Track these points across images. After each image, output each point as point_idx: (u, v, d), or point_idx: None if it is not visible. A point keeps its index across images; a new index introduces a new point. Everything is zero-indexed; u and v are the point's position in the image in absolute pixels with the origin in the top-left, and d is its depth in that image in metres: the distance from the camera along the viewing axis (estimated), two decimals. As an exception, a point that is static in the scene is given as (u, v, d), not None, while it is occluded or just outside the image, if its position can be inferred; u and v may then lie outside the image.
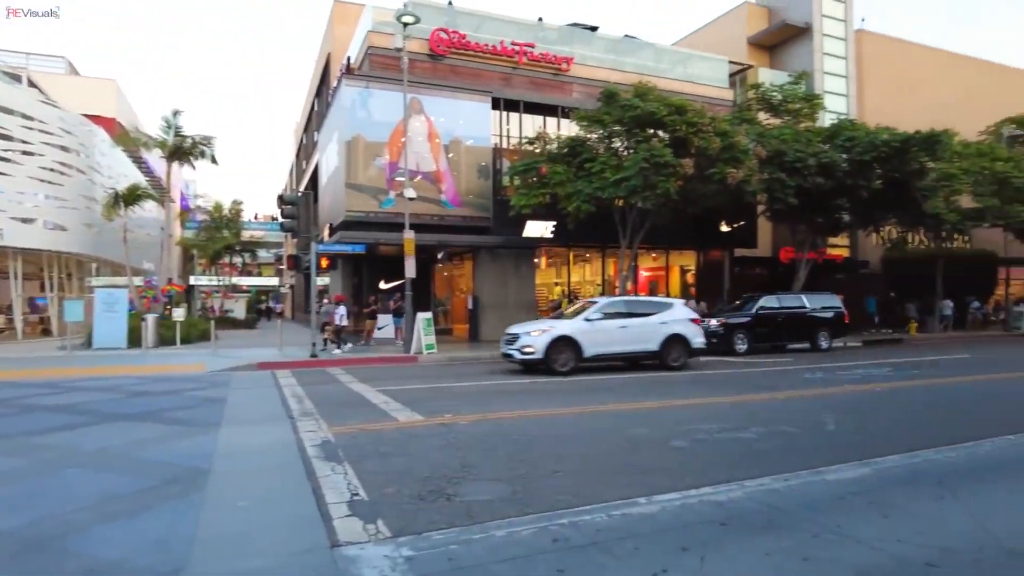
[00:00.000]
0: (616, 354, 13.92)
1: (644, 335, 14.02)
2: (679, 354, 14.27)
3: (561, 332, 13.30)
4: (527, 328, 13.88)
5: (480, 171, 21.05)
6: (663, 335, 14.10)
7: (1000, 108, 30.83)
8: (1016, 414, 8.62)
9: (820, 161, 20.03)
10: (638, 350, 14.04)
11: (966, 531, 4.26)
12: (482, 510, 4.68)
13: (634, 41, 25.35)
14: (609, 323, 13.86)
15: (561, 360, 13.12)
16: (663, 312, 14.53)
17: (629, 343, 13.89)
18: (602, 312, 14.00)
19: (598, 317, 13.82)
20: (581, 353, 13.31)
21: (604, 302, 14.64)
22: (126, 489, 5.33)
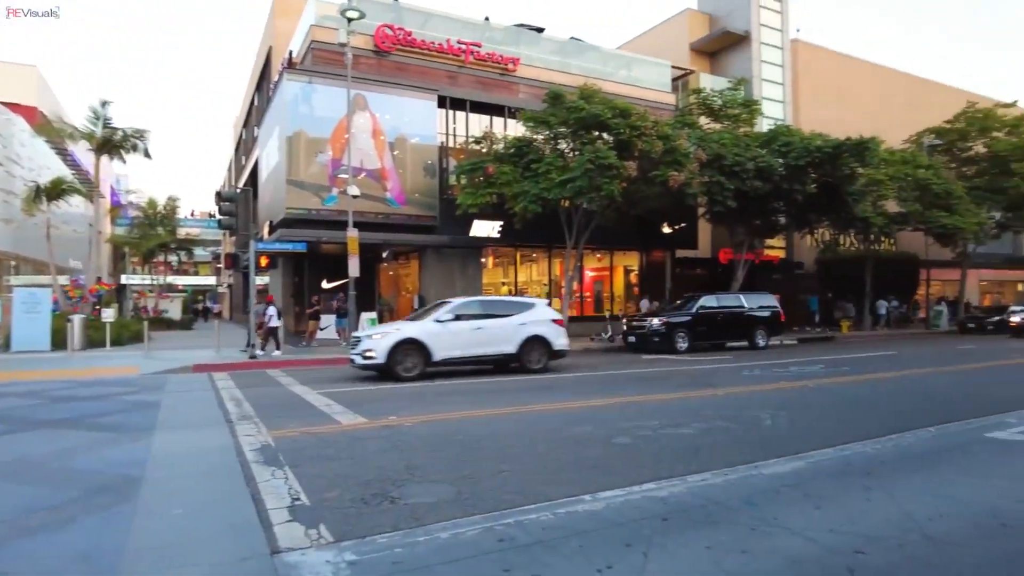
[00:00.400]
0: (469, 357, 13.18)
1: (501, 337, 13.36)
2: (539, 356, 13.72)
3: (406, 335, 12.62)
4: (372, 331, 13.32)
5: (426, 169, 20.88)
6: (522, 337, 13.50)
7: (921, 119, 32.61)
8: (936, 407, 9.11)
9: (758, 165, 20.72)
10: (494, 353, 13.36)
11: (891, 519, 4.47)
12: (427, 512, 4.63)
13: (580, 43, 25.64)
14: (462, 324, 13.13)
15: (406, 365, 12.37)
16: (523, 313, 13.90)
17: (484, 345, 13.19)
18: (454, 313, 13.25)
19: (449, 318, 13.07)
20: (430, 357, 12.59)
21: (457, 303, 13.86)
22: (48, 501, 5.04)
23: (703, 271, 29.03)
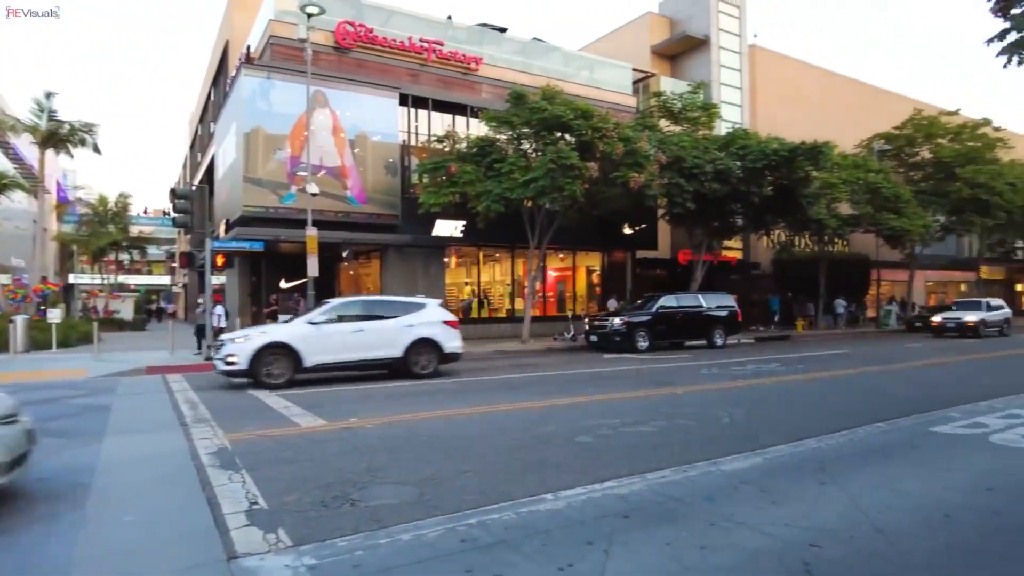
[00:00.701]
0: (347, 362, 12.16)
1: (384, 340, 12.37)
2: (428, 360, 12.77)
3: (273, 339, 11.55)
4: (236, 334, 12.34)
5: (387, 168, 20.69)
6: (409, 339, 12.54)
7: (872, 125, 33.71)
8: (886, 404, 9.42)
9: (716, 168, 21.12)
10: (376, 357, 12.31)
11: (844, 512, 4.61)
12: (388, 514, 4.59)
13: (542, 44, 25.73)
14: (340, 327, 12.18)
15: (272, 371, 11.35)
16: (411, 314, 12.95)
17: (364, 349, 12.13)
18: (332, 314, 12.36)
19: (324, 320, 12.12)
20: (300, 362, 11.55)
21: (336, 303, 13.05)
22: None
23: (663, 271, 29.45)
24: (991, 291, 44.99)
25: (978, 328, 24.77)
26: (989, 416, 8.15)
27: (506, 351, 18.40)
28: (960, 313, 25.67)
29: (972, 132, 31.89)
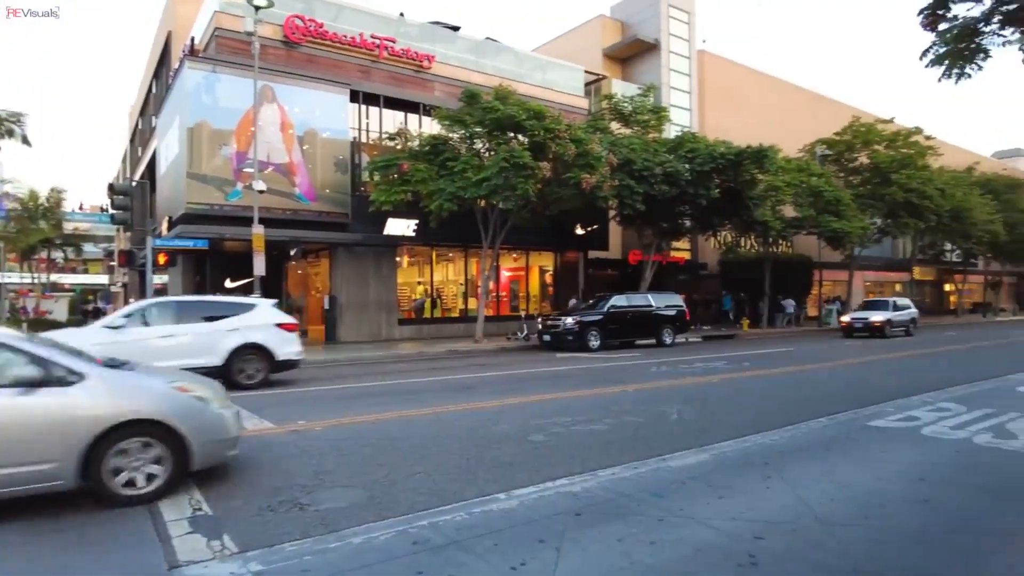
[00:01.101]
0: None
1: (200, 346, 10.68)
2: (256, 369, 11.17)
3: None
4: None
5: (338, 165, 20.34)
6: (231, 346, 10.90)
7: (814, 130, 34.91)
8: (826, 399, 9.77)
9: (665, 170, 21.52)
10: (190, 366, 9.32)
11: (787, 504, 4.76)
12: (338, 517, 4.51)
13: (495, 44, 25.74)
14: (145, 332, 10.49)
15: None
16: (237, 316, 11.29)
17: (176, 358, 10.05)
18: (136, 318, 10.70)
19: (124, 324, 10.41)
20: None
21: (142, 304, 11.42)
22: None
23: (614, 271, 29.85)
24: (923, 291, 47.41)
25: (884, 328, 24.48)
26: (920, 410, 8.55)
27: (459, 351, 18.34)
28: (867, 313, 25.69)
29: (905, 140, 33.39)
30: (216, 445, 5.27)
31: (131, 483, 4.84)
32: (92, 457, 4.66)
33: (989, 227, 37.27)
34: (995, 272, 50.92)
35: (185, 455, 5.00)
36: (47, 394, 4.62)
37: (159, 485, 4.92)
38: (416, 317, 23.43)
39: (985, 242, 39.39)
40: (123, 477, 4.81)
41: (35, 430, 4.55)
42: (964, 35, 8.16)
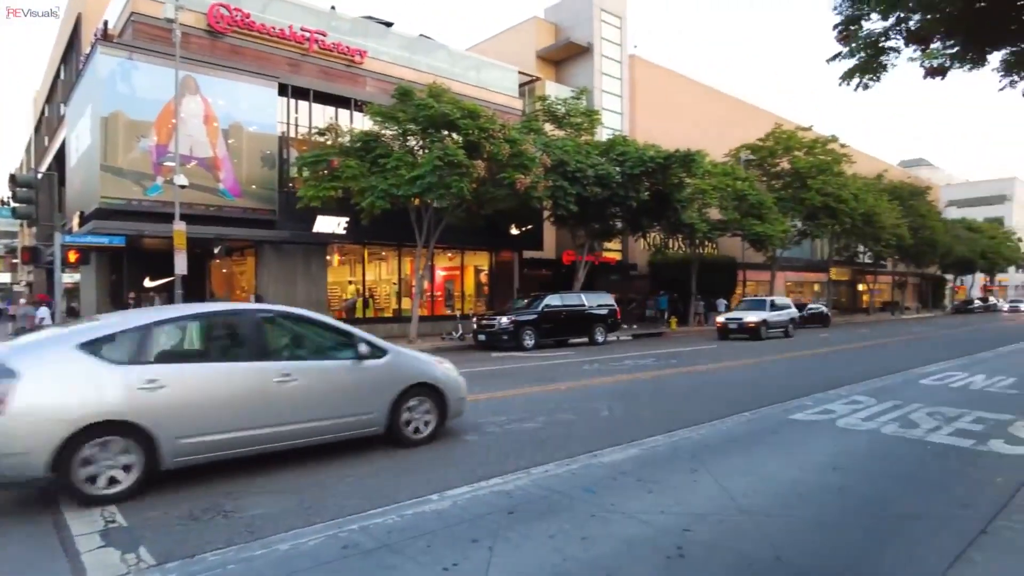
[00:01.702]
0: None
1: None
2: None
3: None
4: None
5: (265, 160, 19.67)
6: None
7: (739, 136, 36.34)
8: (750, 395, 10.17)
9: (597, 172, 21.89)
10: None
11: (713, 497, 4.92)
12: (265, 524, 4.36)
13: (429, 42, 25.51)
14: None
15: None
16: None
17: None
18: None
19: None
20: None
21: None
22: None
23: (548, 271, 30.15)
24: (839, 290, 50.14)
25: (759, 329, 22.79)
26: (836, 403, 9.01)
27: (392, 351, 18.07)
28: (742, 313, 23.95)
29: (823, 147, 35.25)
30: (458, 402, 6.96)
31: (416, 430, 6.53)
32: (395, 409, 6.34)
33: (896, 231, 39.85)
34: (902, 273, 54.43)
35: (445, 408, 6.72)
36: (372, 364, 6.24)
37: (431, 431, 6.63)
38: (347, 317, 22.91)
39: (893, 245, 42.05)
40: (412, 426, 6.49)
41: (365, 387, 6.20)
42: (869, 47, 8.65)
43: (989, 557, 3.84)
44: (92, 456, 4.69)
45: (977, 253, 55.60)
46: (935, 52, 8.78)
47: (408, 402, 6.43)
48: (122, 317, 5.77)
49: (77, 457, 4.62)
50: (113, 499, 4.74)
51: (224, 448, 5.33)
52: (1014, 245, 64.32)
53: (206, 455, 5.26)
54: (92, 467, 4.70)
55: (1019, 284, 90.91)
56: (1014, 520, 4.49)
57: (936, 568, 3.68)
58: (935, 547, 3.98)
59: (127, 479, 4.84)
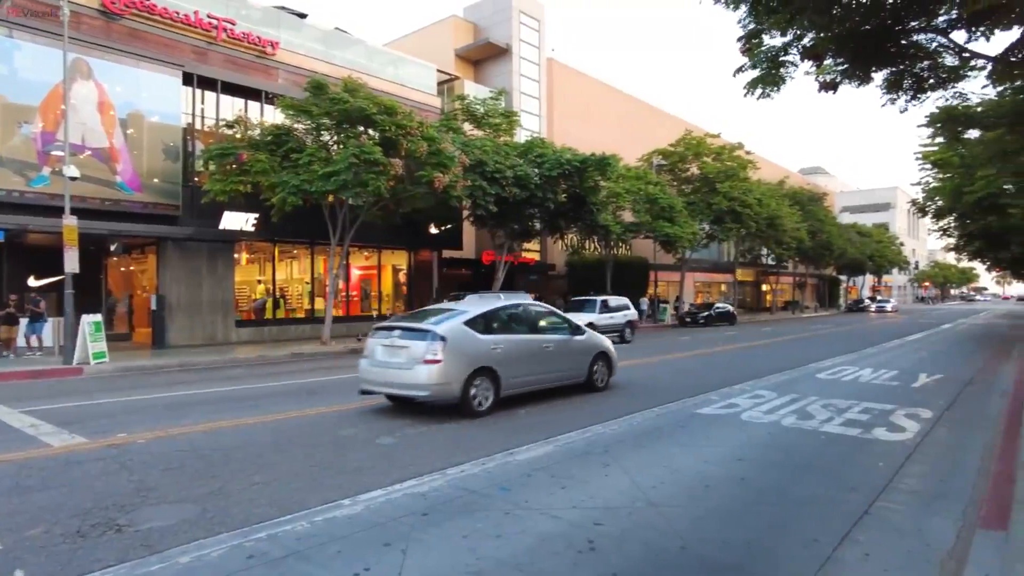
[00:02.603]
0: None
1: None
2: None
3: None
4: None
5: (168, 152, 18.59)
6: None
7: (651, 141, 37.58)
8: (660, 390, 10.52)
9: (516, 173, 22.06)
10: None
11: (624, 490, 5.05)
12: (163, 537, 4.12)
13: (345, 36, 24.91)
14: None
15: None
16: None
17: None
18: None
19: None
20: None
21: None
22: None
23: (468, 271, 30.12)
24: (744, 290, 52.79)
25: None
26: (740, 397, 9.48)
27: (304, 353, 17.50)
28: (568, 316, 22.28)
29: (730, 153, 37.00)
30: (615, 367, 10.53)
31: (601, 380, 10.15)
32: (590, 370, 9.90)
33: (796, 234, 42.40)
34: (801, 274, 57.98)
35: (611, 368, 10.38)
36: (579, 338, 9.88)
37: (607, 381, 10.27)
38: (257, 318, 22.05)
39: (793, 248, 44.71)
40: (597, 378, 10.03)
41: (577, 352, 9.80)
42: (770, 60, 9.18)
43: (871, 536, 4.15)
44: (476, 387, 8.10)
45: (866, 256, 60.18)
46: (827, 68, 9.42)
47: (596, 365, 10.00)
48: (477, 304, 9.08)
49: (470, 387, 8.00)
50: (485, 413, 8.15)
51: (525, 385, 8.88)
52: (897, 249, 70.00)
53: (518, 389, 8.74)
54: (476, 392, 8.10)
55: (902, 285, 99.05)
56: (893, 501, 4.87)
57: (826, 548, 3.93)
58: (826, 529, 4.26)
59: (488, 402, 8.21)
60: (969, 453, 6.42)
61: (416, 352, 7.80)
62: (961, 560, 3.74)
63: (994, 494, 4.85)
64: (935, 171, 25.47)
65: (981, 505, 4.67)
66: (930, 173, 26.24)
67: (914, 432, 7.21)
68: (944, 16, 8.75)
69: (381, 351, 8.29)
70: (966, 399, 9.73)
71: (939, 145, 21.63)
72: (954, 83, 10.43)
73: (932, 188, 27.82)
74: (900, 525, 4.38)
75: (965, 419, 8.15)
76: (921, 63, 9.66)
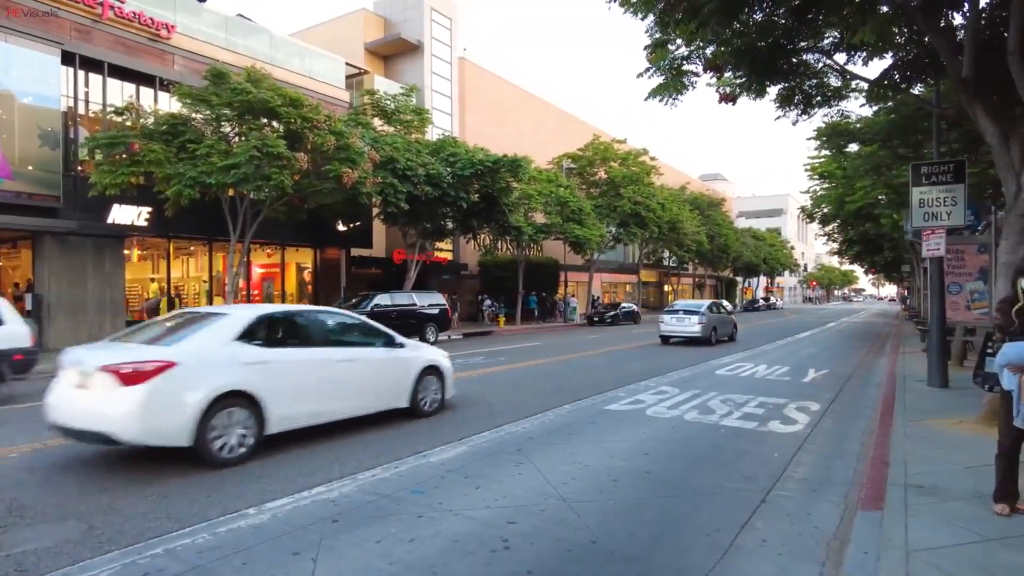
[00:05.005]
0: None
1: None
2: None
3: None
4: None
5: (45, 138, 17.04)
6: None
7: (562, 145, 38.30)
8: (570, 388, 10.73)
9: (428, 172, 21.84)
10: None
11: (536, 488, 5.12)
12: (43, 559, 3.78)
13: (248, 23, 23.80)
14: None
15: None
16: None
17: None
18: None
19: None
20: None
21: None
22: None
23: (378, 270, 29.51)
24: (648, 291, 54.82)
25: None
26: (645, 394, 9.83)
27: (203, 355, 16.55)
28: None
29: (635, 159, 38.32)
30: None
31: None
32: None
33: (696, 238, 44.49)
34: (701, 275, 60.93)
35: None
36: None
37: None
38: (150, 319, 20.66)
39: (693, 250, 46.88)
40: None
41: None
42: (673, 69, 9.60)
43: (767, 523, 4.41)
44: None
45: (761, 259, 64.15)
46: (727, 80, 9.93)
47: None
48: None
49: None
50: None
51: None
52: (788, 252, 75.05)
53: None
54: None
55: (792, 286, 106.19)
56: (787, 489, 5.21)
57: (727, 536, 4.15)
58: (726, 518, 4.49)
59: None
60: (851, 441, 6.97)
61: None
62: (844, 540, 4.05)
63: (871, 478, 5.28)
64: (821, 181, 27.41)
65: (860, 488, 5.07)
66: (817, 183, 28.21)
67: (804, 424, 7.74)
68: (829, 39, 9.47)
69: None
70: (848, 392, 10.56)
71: (825, 157, 23.29)
72: (837, 101, 11.28)
73: (819, 196, 29.92)
74: (793, 511, 4.68)
75: (847, 410, 8.84)
76: (810, 81, 10.37)
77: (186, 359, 5.73)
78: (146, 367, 5.46)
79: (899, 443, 6.31)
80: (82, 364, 5.78)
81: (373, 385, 7.51)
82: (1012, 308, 4.46)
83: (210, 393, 5.66)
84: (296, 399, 6.43)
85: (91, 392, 5.58)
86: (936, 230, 9.37)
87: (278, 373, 6.31)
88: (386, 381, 7.70)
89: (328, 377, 6.84)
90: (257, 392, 6.01)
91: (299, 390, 6.50)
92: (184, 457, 5.96)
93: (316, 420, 6.73)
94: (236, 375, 5.93)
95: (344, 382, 7.04)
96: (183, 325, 6.54)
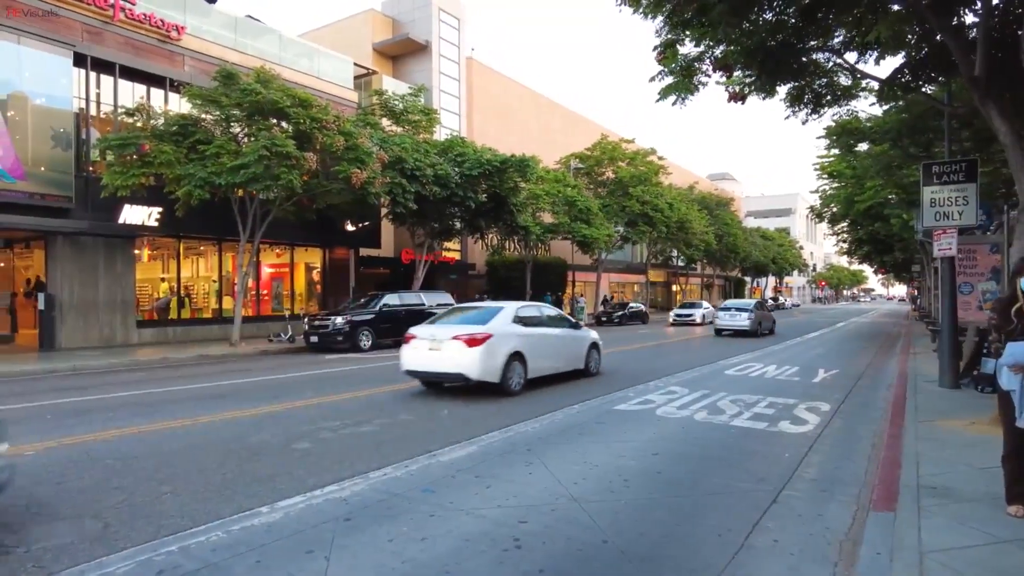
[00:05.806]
0: None
1: None
2: None
3: None
4: None
5: (57, 139, 17.17)
6: None
7: (570, 144, 38.29)
8: (579, 388, 10.74)
9: (436, 172, 21.89)
10: None
11: (547, 487, 5.13)
12: (59, 556, 3.82)
13: (257, 24, 23.92)
14: None
15: None
16: None
17: None
18: None
19: None
20: None
21: None
22: None
23: (387, 270, 29.62)
24: (656, 290, 54.69)
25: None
26: (654, 394, 9.83)
27: (212, 355, 16.67)
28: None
29: (643, 159, 38.25)
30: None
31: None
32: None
33: (705, 238, 44.38)
34: (709, 275, 60.76)
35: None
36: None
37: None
38: (160, 319, 20.81)
39: (702, 250, 46.78)
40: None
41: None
42: (684, 70, 9.59)
43: (778, 524, 4.41)
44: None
45: (770, 258, 63.87)
46: (737, 80, 9.91)
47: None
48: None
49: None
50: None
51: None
52: (797, 252, 74.71)
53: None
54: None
55: (801, 285, 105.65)
56: (797, 489, 5.20)
57: (738, 536, 4.14)
58: (737, 518, 4.48)
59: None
60: (862, 442, 6.94)
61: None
62: (856, 541, 4.04)
63: (883, 478, 5.26)
64: (830, 180, 27.30)
65: (872, 489, 5.05)
66: (826, 182, 28.10)
67: (815, 424, 7.72)
68: (839, 38, 9.44)
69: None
70: (858, 392, 10.52)
71: (834, 156, 23.20)
72: (847, 101, 11.25)
73: (828, 196, 29.82)
74: (804, 512, 4.67)
75: (858, 410, 8.81)
76: (820, 80, 10.35)
77: (496, 332, 9.56)
78: (479, 336, 9.32)
79: (911, 444, 6.28)
80: (435, 337, 9.65)
81: (569, 352, 11.38)
82: (1011, 308, 4.42)
83: (508, 352, 9.57)
84: (541, 358, 10.35)
85: (444, 352, 9.46)
86: (947, 230, 9.32)
87: (532, 342, 10.19)
88: (574, 351, 11.53)
89: (552, 345, 10.89)
90: (525, 352, 9.88)
91: (541, 353, 10.41)
92: (198, 457, 6.00)
93: (547, 372, 10.63)
94: (516, 342, 9.81)
95: (559, 348, 11.07)
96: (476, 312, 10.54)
